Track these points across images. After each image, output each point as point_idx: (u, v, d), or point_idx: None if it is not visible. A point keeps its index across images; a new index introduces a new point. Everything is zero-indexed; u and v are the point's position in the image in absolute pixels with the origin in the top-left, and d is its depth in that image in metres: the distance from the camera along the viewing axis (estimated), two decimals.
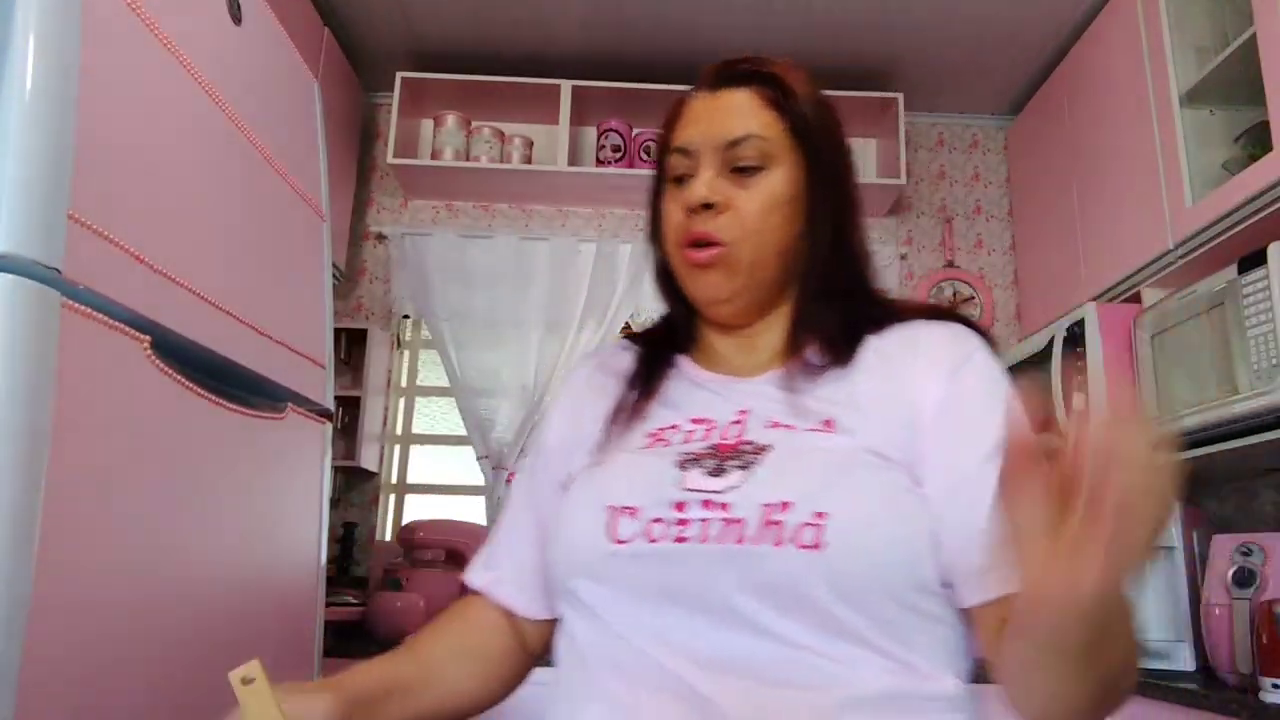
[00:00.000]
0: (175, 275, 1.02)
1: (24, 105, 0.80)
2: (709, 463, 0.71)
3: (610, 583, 0.71)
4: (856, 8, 2.38)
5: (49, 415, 0.80)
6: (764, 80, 0.82)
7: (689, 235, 0.79)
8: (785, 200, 0.79)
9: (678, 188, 0.82)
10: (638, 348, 0.90)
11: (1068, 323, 2.17)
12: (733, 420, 0.76)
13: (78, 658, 0.86)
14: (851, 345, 0.78)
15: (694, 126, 0.81)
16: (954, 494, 0.69)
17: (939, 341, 0.77)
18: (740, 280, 0.79)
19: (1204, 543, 1.93)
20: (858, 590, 0.64)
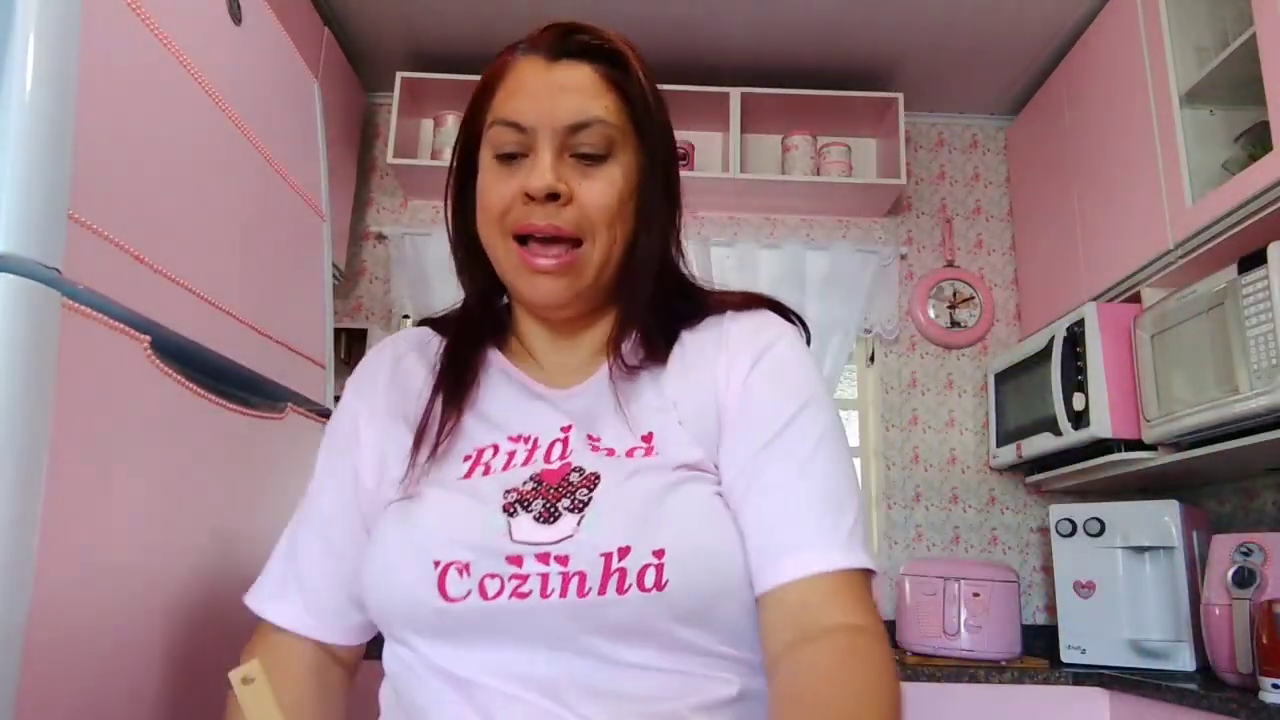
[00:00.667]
0: (175, 275, 1.02)
1: (24, 105, 0.80)
2: (536, 505, 0.67)
3: (441, 635, 0.67)
4: (856, 8, 2.38)
5: (49, 415, 0.80)
6: (606, 57, 0.75)
7: (526, 226, 0.72)
8: (628, 194, 0.74)
9: (504, 165, 0.74)
10: (440, 340, 0.82)
11: (1068, 323, 2.17)
12: (555, 439, 0.73)
13: (77, 657, 0.86)
14: (668, 342, 0.77)
15: (529, 100, 0.73)
16: (736, 488, 0.69)
17: (742, 334, 0.76)
18: (585, 283, 0.74)
19: (1204, 543, 1.93)
20: (699, 614, 0.65)
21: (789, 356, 0.75)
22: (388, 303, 2.75)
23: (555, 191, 0.71)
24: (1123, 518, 2.07)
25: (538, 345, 0.81)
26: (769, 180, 2.60)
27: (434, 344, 0.82)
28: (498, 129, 0.74)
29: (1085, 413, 2.06)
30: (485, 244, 0.76)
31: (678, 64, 2.63)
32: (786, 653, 0.64)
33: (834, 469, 0.70)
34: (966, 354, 2.74)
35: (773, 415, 0.71)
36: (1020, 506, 2.62)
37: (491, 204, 0.74)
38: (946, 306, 2.75)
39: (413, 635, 0.68)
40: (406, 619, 0.68)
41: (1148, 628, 2.00)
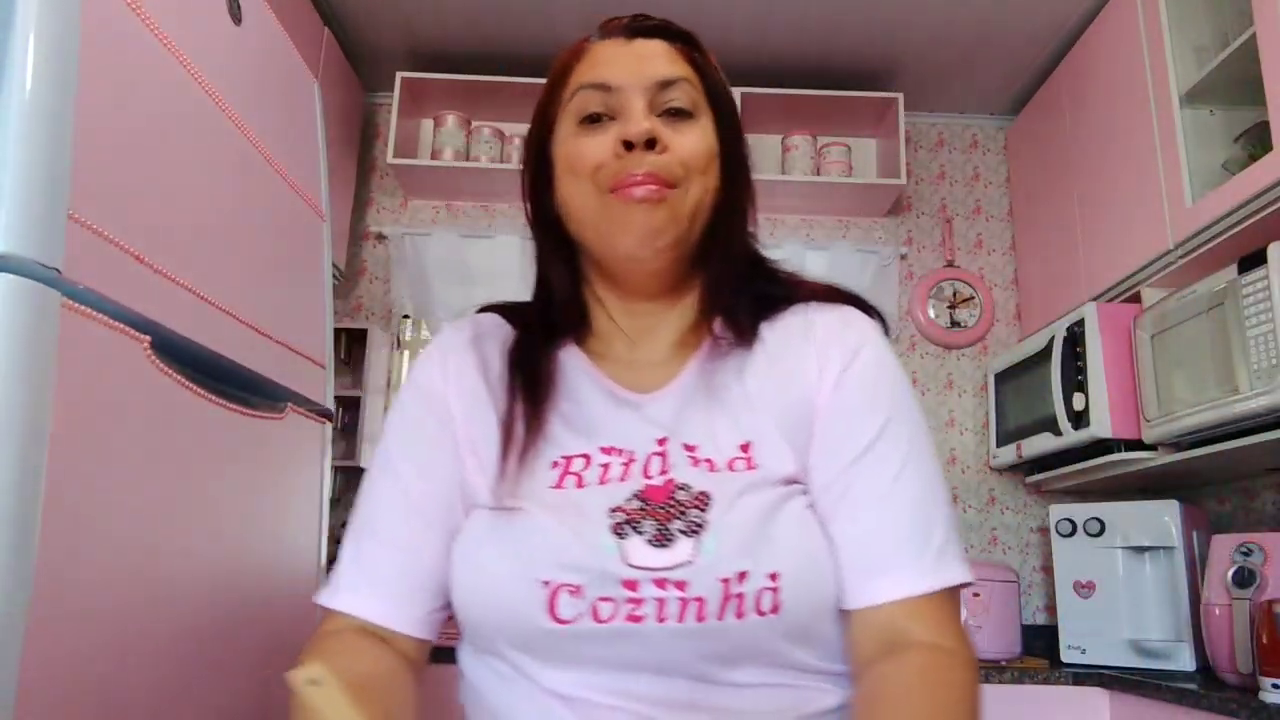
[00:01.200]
0: (175, 275, 1.02)
1: (24, 105, 0.80)
2: (648, 527, 0.65)
3: (541, 652, 0.65)
4: (856, 8, 2.38)
5: (49, 415, 0.80)
6: (679, 36, 0.77)
7: (623, 178, 0.70)
8: (714, 153, 0.74)
9: (590, 127, 0.72)
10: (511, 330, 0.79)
11: (1068, 323, 2.17)
12: (652, 452, 0.70)
13: (77, 657, 0.86)
14: (754, 325, 0.76)
15: (612, 65, 0.73)
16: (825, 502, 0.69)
17: (829, 330, 0.75)
18: (681, 225, 0.71)
19: (1204, 543, 1.93)
20: (806, 632, 0.66)
21: (878, 361, 0.74)
22: (388, 303, 2.75)
23: (654, 137, 0.70)
24: (1123, 518, 2.07)
25: (617, 338, 0.78)
26: (769, 180, 2.60)
27: (506, 332, 0.79)
28: (582, 94, 0.73)
29: (1085, 413, 2.06)
30: (575, 205, 0.74)
31: None
32: (870, 666, 0.65)
33: (923, 482, 0.70)
34: (966, 354, 2.74)
35: (862, 428, 0.70)
36: (1020, 506, 2.62)
37: (582, 161, 0.72)
38: (946, 306, 2.75)
39: (513, 651, 0.67)
40: (510, 637, 0.66)
41: (1148, 628, 2.00)
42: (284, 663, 0.59)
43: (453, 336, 0.80)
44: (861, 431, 0.70)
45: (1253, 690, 1.53)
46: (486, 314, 0.83)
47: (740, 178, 0.77)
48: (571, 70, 0.77)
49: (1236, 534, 1.78)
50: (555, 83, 0.77)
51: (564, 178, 0.74)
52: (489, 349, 0.78)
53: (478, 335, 0.80)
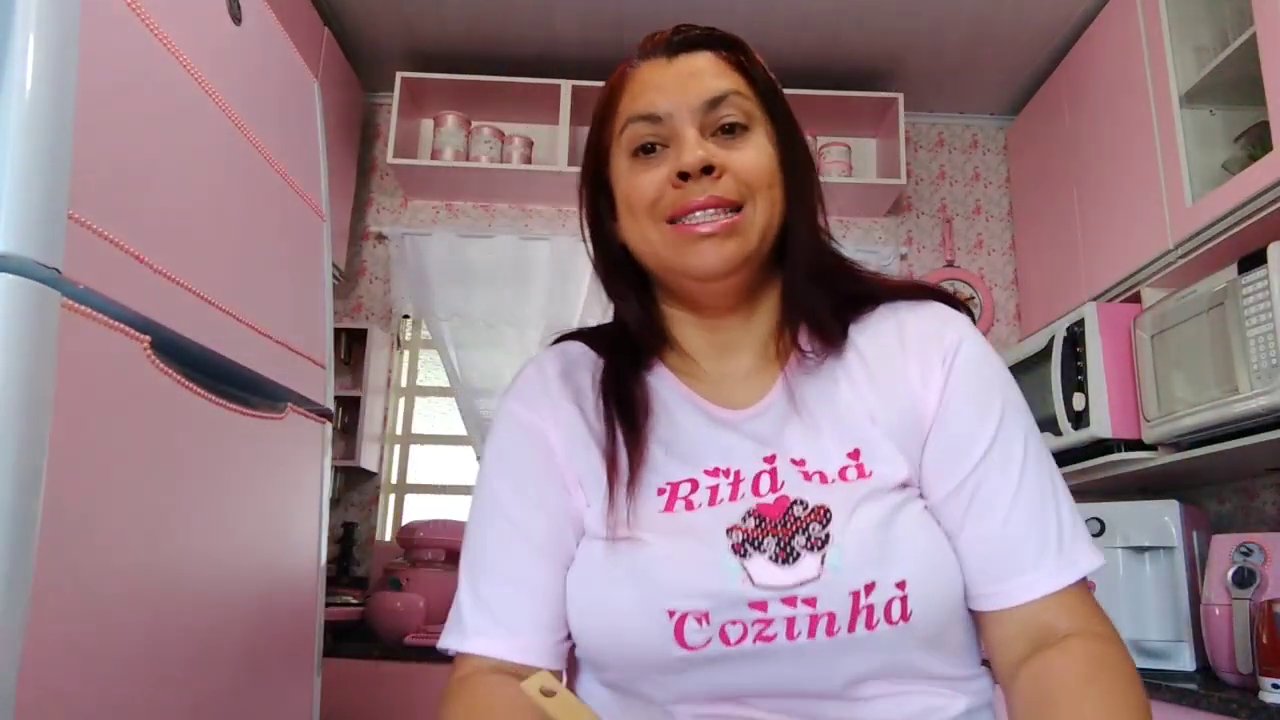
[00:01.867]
0: (175, 275, 1.02)
1: (24, 105, 0.80)
2: (769, 544, 0.64)
3: (670, 679, 0.65)
4: (856, 8, 2.38)
5: (49, 415, 0.80)
6: (724, 44, 0.74)
7: (682, 207, 0.69)
8: (774, 164, 0.72)
9: (643, 159, 0.71)
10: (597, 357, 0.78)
11: (1068, 323, 2.17)
12: (761, 470, 0.69)
13: (77, 657, 0.86)
14: (843, 329, 0.74)
15: (657, 92, 0.71)
16: (952, 509, 0.68)
17: (924, 332, 0.73)
18: (750, 246, 0.70)
19: (1204, 543, 1.93)
20: (936, 639, 0.65)
21: (980, 356, 0.72)
22: (388, 303, 2.75)
23: (709, 164, 0.68)
24: (1123, 518, 2.07)
25: (700, 354, 0.77)
26: None
27: (593, 360, 0.78)
28: (632, 127, 0.71)
29: (1085, 413, 2.06)
30: (636, 240, 0.73)
31: None
32: (1025, 662, 0.64)
33: (1045, 472, 0.69)
34: None
35: (979, 429, 0.69)
36: None
37: (639, 195, 0.71)
38: None
39: (643, 682, 0.66)
40: (637, 664, 0.66)
41: (1148, 628, 2.00)
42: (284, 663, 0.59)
43: (545, 368, 0.78)
44: (980, 434, 0.69)
45: (1253, 690, 1.53)
46: (570, 342, 0.82)
47: (806, 182, 0.75)
48: (618, 99, 0.74)
49: (1236, 534, 1.77)
50: (603, 114, 0.75)
51: (624, 215, 0.73)
52: (581, 379, 0.77)
53: (566, 368, 0.78)
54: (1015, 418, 0.70)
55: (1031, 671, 0.64)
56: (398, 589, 2.11)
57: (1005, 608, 0.66)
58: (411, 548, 2.21)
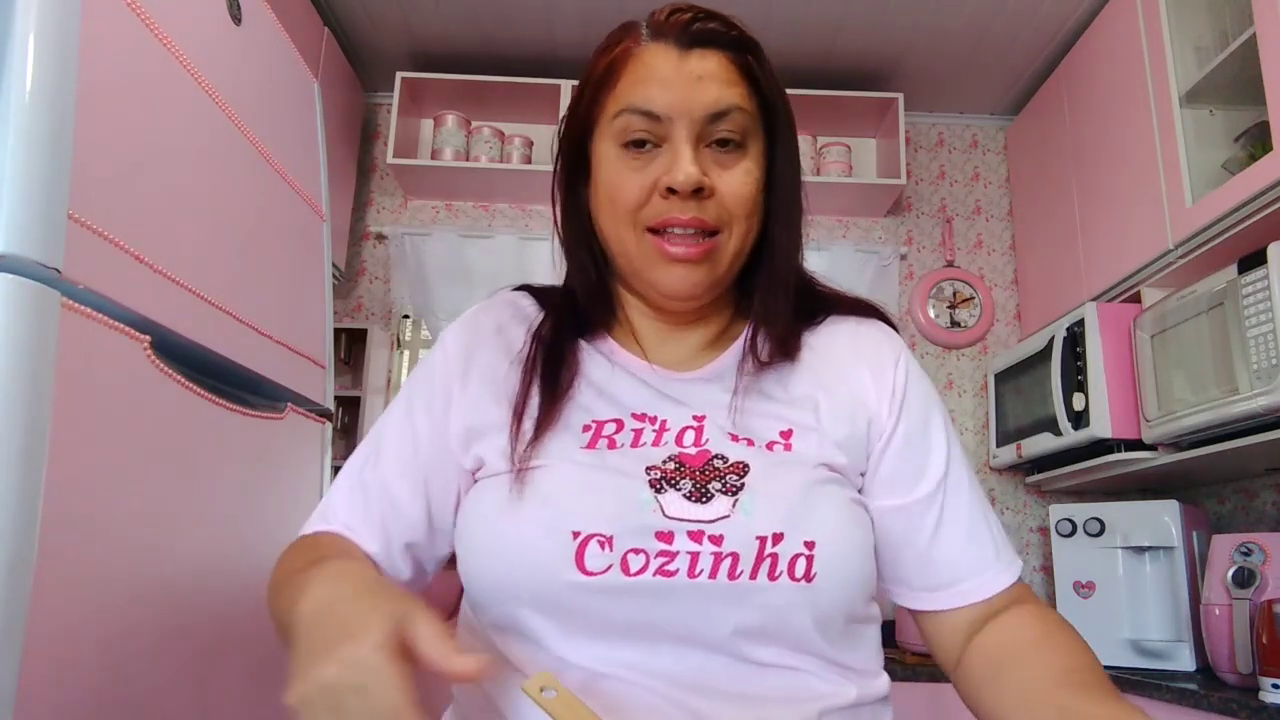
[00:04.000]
0: (175, 275, 1.02)
1: (24, 105, 0.80)
2: (685, 484, 0.65)
3: (564, 615, 0.63)
4: (856, 8, 2.38)
5: (49, 415, 0.80)
6: (739, 45, 0.73)
7: (666, 220, 0.69)
8: (762, 185, 0.72)
9: (633, 154, 0.70)
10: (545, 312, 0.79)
11: (1068, 323, 2.17)
12: (687, 425, 0.70)
13: (77, 656, 0.86)
14: (797, 338, 0.76)
15: (662, 89, 0.69)
16: (912, 515, 0.73)
17: (876, 348, 0.77)
18: (720, 272, 0.71)
19: (1204, 543, 1.93)
20: (835, 615, 0.66)
21: (921, 378, 0.78)
22: (388, 302, 2.75)
23: (702, 185, 0.68)
24: (1123, 518, 2.07)
25: (646, 335, 0.78)
26: None
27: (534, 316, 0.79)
28: (626, 117, 0.70)
29: (1085, 413, 2.06)
30: (610, 238, 0.73)
31: None
32: (973, 636, 0.70)
33: (977, 487, 0.76)
34: (966, 354, 2.74)
35: (935, 456, 0.74)
36: (1020, 506, 2.62)
37: (623, 198, 0.70)
38: (946, 306, 2.75)
39: (532, 615, 0.64)
40: (532, 595, 0.63)
41: (1148, 628, 2.00)
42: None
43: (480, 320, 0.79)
44: (937, 460, 0.74)
45: (1253, 690, 1.53)
46: (519, 294, 0.83)
47: (790, 202, 0.75)
48: (617, 75, 0.72)
49: (1236, 534, 1.78)
50: (599, 82, 0.73)
51: (603, 203, 0.72)
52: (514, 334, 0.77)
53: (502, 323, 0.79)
54: (954, 442, 0.76)
55: (983, 640, 0.69)
56: None
57: (959, 606, 0.72)
58: None
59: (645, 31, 0.72)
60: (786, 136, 0.75)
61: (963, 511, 0.73)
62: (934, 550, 0.72)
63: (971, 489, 0.75)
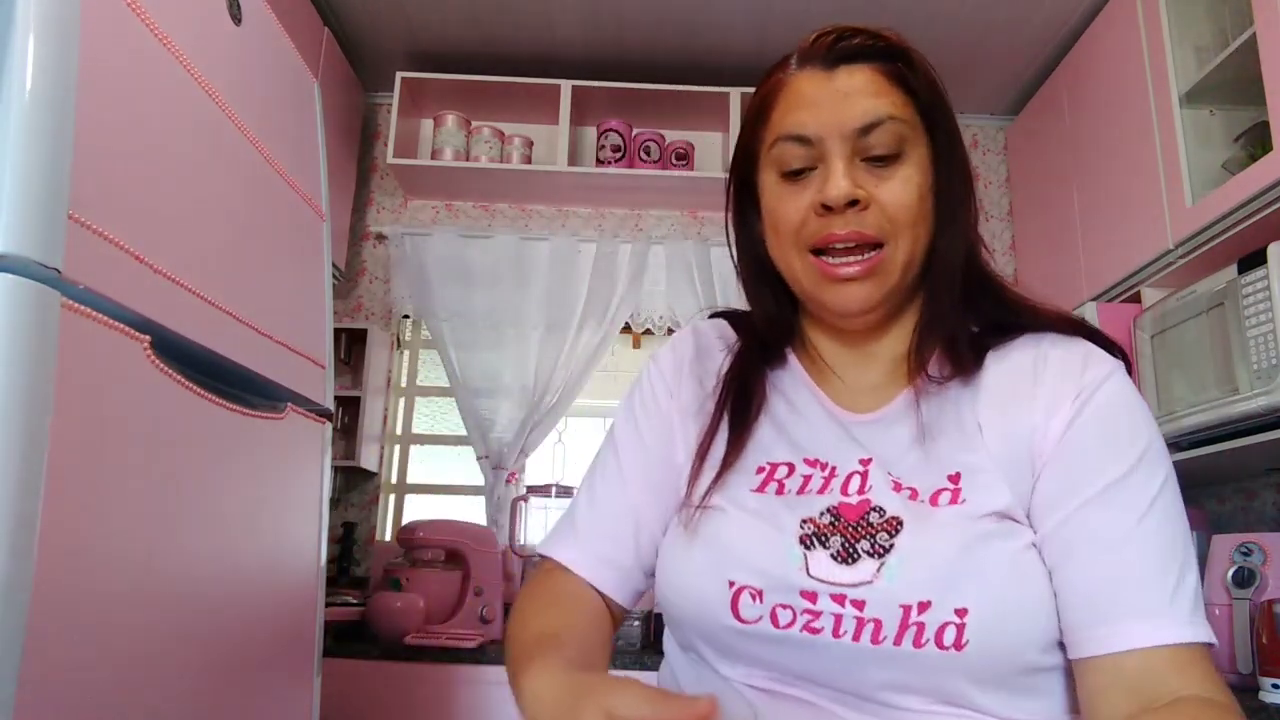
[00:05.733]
0: (175, 275, 1.02)
1: (24, 105, 0.80)
2: (835, 542, 0.65)
3: (727, 650, 0.68)
4: (856, 8, 2.38)
5: (49, 415, 0.80)
6: (886, 54, 0.71)
7: (826, 238, 0.69)
8: (926, 190, 0.70)
9: (792, 182, 0.71)
10: (735, 341, 0.81)
11: None
12: (854, 471, 0.69)
13: (77, 657, 0.86)
14: (978, 355, 0.71)
15: (810, 110, 0.69)
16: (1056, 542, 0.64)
17: (1065, 367, 0.69)
18: (891, 285, 0.70)
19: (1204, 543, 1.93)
20: (998, 678, 0.62)
21: (1121, 399, 0.67)
22: (388, 303, 2.75)
23: (855, 198, 0.67)
24: None
25: (831, 357, 0.78)
26: None
27: (726, 344, 0.82)
28: (781, 146, 0.71)
29: None
30: (780, 263, 0.75)
31: (678, 64, 2.63)
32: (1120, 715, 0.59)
33: (1173, 529, 0.64)
34: None
35: (1104, 466, 0.64)
36: None
37: (785, 222, 0.71)
38: None
39: (703, 645, 0.70)
40: (701, 631, 0.69)
41: None
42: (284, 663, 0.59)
43: (680, 350, 0.83)
44: (1103, 470, 0.64)
45: (1253, 690, 1.53)
46: (715, 321, 0.86)
47: (960, 206, 0.73)
48: (771, 108, 0.73)
49: (1236, 534, 1.77)
50: (755, 119, 0.75)
51: (770, 233, 0.75)
52: (710, 363, 0.81)
53: (700, 351, 0.83)
54: (1152, 472, 0.65)
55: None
56: (398, 589, 2.11)
57: (1099, 654, 0.60)
58: (411, 548, 2.21)
59: (794, 61, 0.74)
60: (949, 140, 0.73)
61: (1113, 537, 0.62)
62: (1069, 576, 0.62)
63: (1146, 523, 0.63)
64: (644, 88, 2.58)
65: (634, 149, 2.66)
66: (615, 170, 2.61)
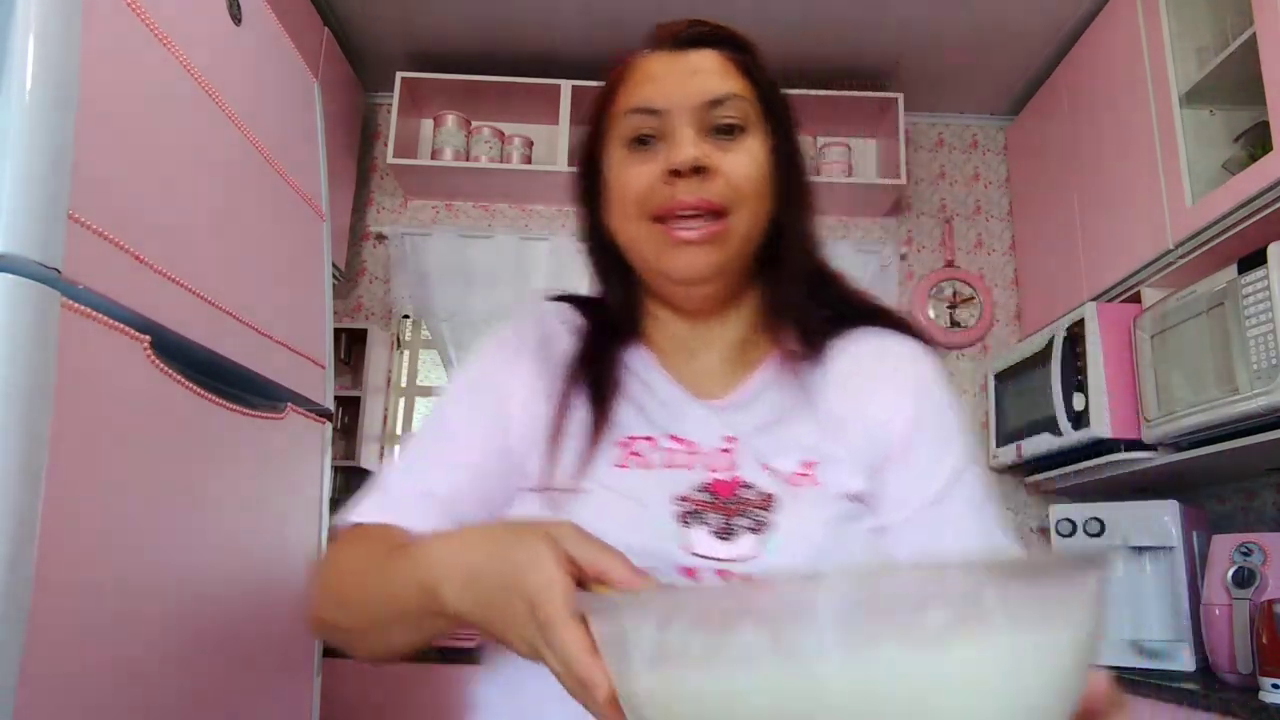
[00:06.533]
0: (175, 275, 1.02)
1: (24, 105, 0.80)
2: (714, 519, 0.66)
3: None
4: (856, 7, 2.38)
5: (49, 415, 0.80)
6: (732, 43, 0.75)
7: (670, 205, 0.69)
8: (767, 169, 0.72)
9: (638, 152, 0.71)
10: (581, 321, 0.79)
11: (1068, 323, 2.17)
12: (720, 448, 0.70)
13: (78, 655, 0.86)
14: (823, 340, 0.75)
15: (658, 85, 0.71)
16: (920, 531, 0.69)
17: (904, 364, 0.75)
18: (731, 255, 0.71)
19: (1204, 543, 1.93)
20: None
21: (947, 390, 0.75)
22: (388, 302, 2.75)
23: (702, 164, 0.68)
24: (1123, 518, 2.07)
25: (676, 335, 0.78)
26: None
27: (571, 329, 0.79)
28: (629, 117, 0.72)
29: (1085, 413, 2.06)
30: (621, 234, 0.74)
31: None
32: None
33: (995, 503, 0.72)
34: (966, 354, 2.74)
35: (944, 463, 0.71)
36: (1020, 506, 2.62)
37: (630, 190, 0.71)
38: (946, 306, 2.75)
39: None
40: None
41: (1148, 628, 2.00)
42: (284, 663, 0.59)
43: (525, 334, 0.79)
44: (945, 467, 0.71)
45: (1253, 690, 1.53)
46: (561, 305, 0.83)
47: (797, 192, 0.75)
48: (619, 88, 0.74)
49: (1236, 534, 1.78)
50: (604, 99, 0.76)
51: (614, 204, 0.74)
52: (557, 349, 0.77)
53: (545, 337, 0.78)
54: (973, 450, 0.74)
55: None
56: None
57: None
58: None
59: (645, 45, 0.76)
60: (789, 132, 0.75)
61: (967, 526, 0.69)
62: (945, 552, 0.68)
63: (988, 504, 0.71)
64: None
65: None
66: None
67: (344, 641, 0.65)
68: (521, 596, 0.47)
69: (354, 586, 0.63)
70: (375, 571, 0.60)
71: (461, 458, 0.72)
